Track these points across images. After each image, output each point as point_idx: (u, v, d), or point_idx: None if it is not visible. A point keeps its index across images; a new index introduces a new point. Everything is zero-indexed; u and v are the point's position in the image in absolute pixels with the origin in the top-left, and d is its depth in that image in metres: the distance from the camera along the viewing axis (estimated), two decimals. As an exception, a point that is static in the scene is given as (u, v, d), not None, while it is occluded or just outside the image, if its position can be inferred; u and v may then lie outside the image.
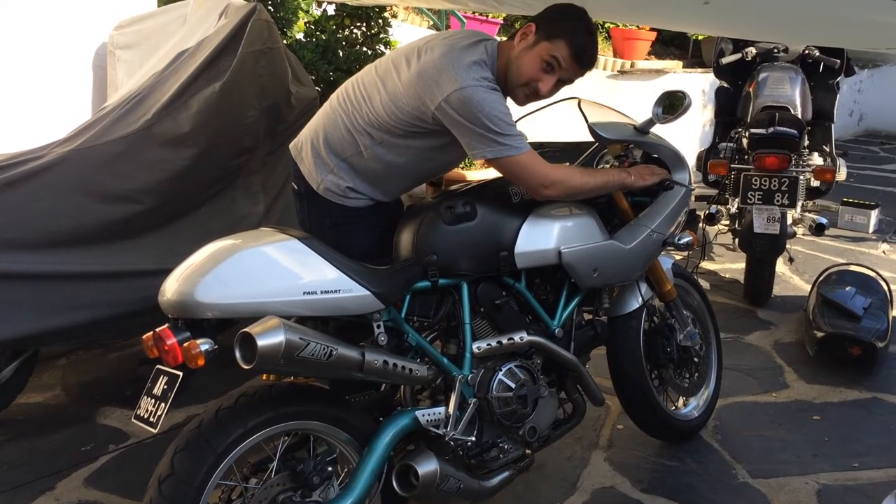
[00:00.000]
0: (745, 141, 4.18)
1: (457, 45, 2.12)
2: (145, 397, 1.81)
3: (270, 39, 3.17)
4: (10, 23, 3.53)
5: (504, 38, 2.31)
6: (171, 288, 1.75)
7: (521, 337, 2.23)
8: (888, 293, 3.90)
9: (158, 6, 4.03)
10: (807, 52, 4.70)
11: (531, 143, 2.76)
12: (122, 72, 3.65)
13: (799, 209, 4.23)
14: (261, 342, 1.63)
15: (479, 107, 2.03)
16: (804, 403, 3.27)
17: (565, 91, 2.36)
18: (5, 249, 2.57)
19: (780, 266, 4.63)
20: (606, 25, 7.78)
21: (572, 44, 2.15)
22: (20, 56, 3.57)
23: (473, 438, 2.16)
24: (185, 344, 1.70)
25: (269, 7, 4.20)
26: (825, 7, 1.83)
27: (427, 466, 1.99)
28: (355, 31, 4.77)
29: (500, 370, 2.20)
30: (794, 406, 3.25)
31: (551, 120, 2.69)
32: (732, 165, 4.27)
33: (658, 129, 2.57)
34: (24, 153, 2.79)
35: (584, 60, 2.20)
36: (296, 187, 2.35)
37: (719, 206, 4.32)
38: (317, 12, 4.84)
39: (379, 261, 2.05)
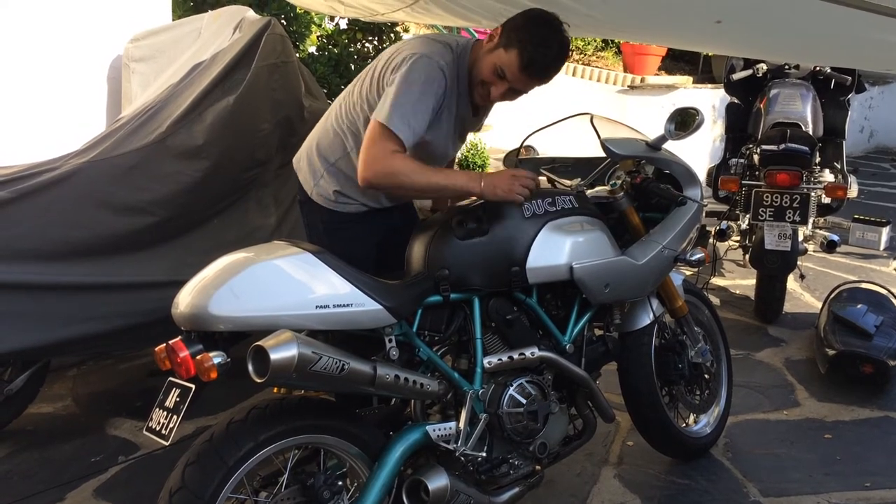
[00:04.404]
0: (756, 157, 4.17)
1: (431, 35, 2.26)
2: (157, 409, 1.81)
3: (284, 53, 3.20)
4: (26, 35, 3.56)
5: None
6: (184, 300, 1.75)
7: (532, 352, 2.22)
8: (900, 311, 3.87)
9: (173, 19, 4.06)
10: (818, 68, 4.70)
11: (544, 158, 2.79)
12: (137, 84, 3.68)
13: (810, 226, 4.21)
14: (273, 356, 1.63)
15: (409, 73, 2.09)
16: (816, 422, 3.25)
17: (575, 106, 2.38)
18: (19, 260, 2.59)
19: (791, 283, 4.60)
20: (617, 41, 7.81)
21: (522, 55, 2.12)
22: (36, 68, 3.60)
23: (484, 454, 2.16)
24: (198, 357, 1.71)
25: (283, 21, 4.24)
26: (837, 28, 1.84)
27: (437, 482, 1.99)
28: (367, 45, 4.81)
29: (511, 385, 2.20)
30: (806, 424, 3.23)
31: (563, 135, 2.70)
32: (743, 182, 4.27)
33: (669, 145, 2.57)
34: (39, 164, 2.81)
35: (532, 72, 2.16)
36: (299, 196, 2.43)
37: (730, 223, 4.31)
38: (329, 26, 4.88)
39: (385, 273, 2.06)
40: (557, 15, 2.19)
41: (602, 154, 2.49)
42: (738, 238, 4.51)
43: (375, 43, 4.78)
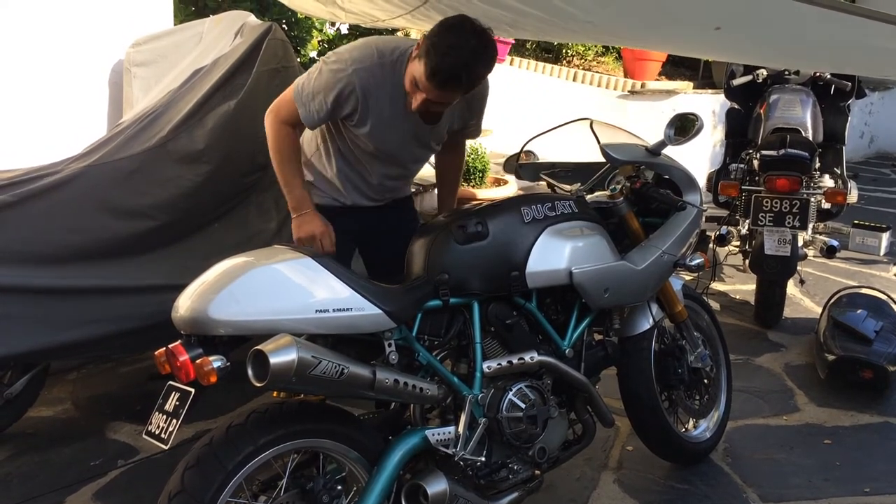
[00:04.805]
0: (755, 162, 4.18)
1: (373, 38, 2.35)
2: (157, 413, 1.82)
3: (285, 58, 3.21)
4: (28, 39, 3.58)
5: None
6: (184, 304, 1.76)
7: (531, 357, 2.23)
8: (900, 316, 3.87)
9: (175, 24, 4.08)
10: (818, 74, 4.71)
11: (544, 163, 2.80)
12: (138, 88, 3.69)
13: (810, 231, 4.22)
14: (273, 360, 1.64)
15: (316, 67, 2.30)
16: (815, 427, 3.25)
17: (575, 111, 2.38)
18: (20, 263, 2.60)
19: (791, 288, 4.61)
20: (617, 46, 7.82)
21: (427, 64, 2.09)
22: (38, 72, 3.61)
23: (483, 458, 2.16)
24: (198, 360, 1.71)
25: (284, 26, 4.25)
26: (837, 35, 1.85)
27: (436, 486, 1.99)
28: (368, 50, 4.80)
29: (511, 390, 2.20)
30: (805, 429, 3.23)
31: (563, 140, 2.71)
32: (743, 187, 4.27)
33: (669, 150, 2.58)
34: (40, 168, 2.82)
35: (438, 82, 2.11)
36: None
37: (730, 228, 4.32)
38: (330, 31, 4.89)
39: (372, 272, 2.06)
40: (474, 20, 2.14)
41: (602, 159, 2.49)
42: (738, 243, 4.51)
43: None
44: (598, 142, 2.45)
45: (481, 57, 2.12)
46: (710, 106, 7.72)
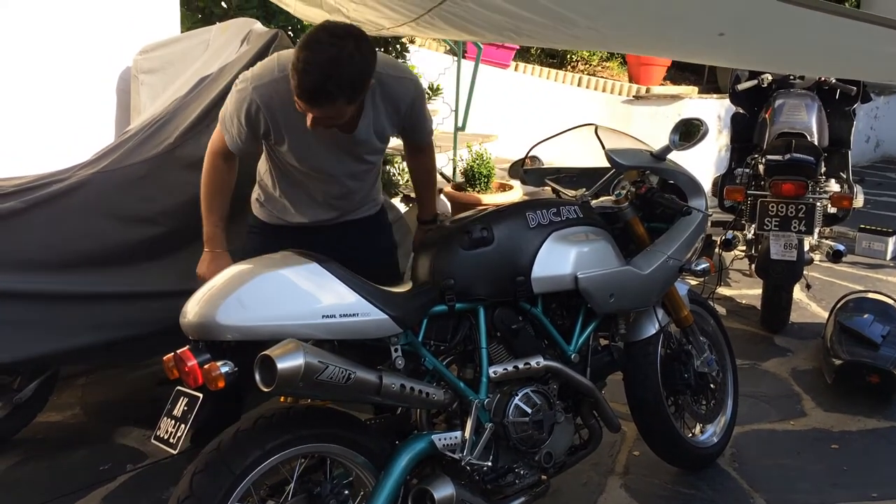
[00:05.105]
0: (761, 167, 4.18)
1: (283, 52, 2.29)
2: (165, 418, 1.83)
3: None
4: (35, 47, 3.60)
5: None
6: (192, 310, 1.77)
7: (537, 362, 2.23)
8: (907, 321, 3.86)
9: (182, 31, 4.10)
10: (823, 79, 4.71)
11: (548, 168, 2.80)
12: (146, 96, 3.71)
13: (816, 236, 4.21)
14: (280, 365, 1.65)
15: (231, 91, 2.32)
16: (822, 432, 3.25)
17: (580, 117, 2.38)
18: (29, 269, 2.61)
19: (798, 293, 4.60)
20: (622, 51, 7.82)
21: (294, 84, 2.00)
22: (46, 79, 3.63)
23: (489, 463, 2.16)
24: (206, 366, 1.72)
25: (290, 33, 4.27)
26: (841, 40, 1.85)
27: (443, 491, 1.99)
28: (373, 56, 4.82)
29: (517, 395, 2.21)
30: (812, 434, 3.22)
31: (568, 145, 2.72)
32: (749, 191, 4.27)
33: (674, 155, 2.58)
34: (48, 175, 2.84)
35: (307, 100, 2.01)
36: None
37: (736, 232, 4.32)
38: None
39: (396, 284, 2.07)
40: (336, 23, 2.03)
41: (607, 164, 2.50)
42: (744, 248, 4.51)
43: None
44: (603, 147, 2.46)
45: (344, 63, 1.96)
46: (715, 111, 7.72)
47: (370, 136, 2.34)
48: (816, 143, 4.31)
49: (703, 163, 7.25)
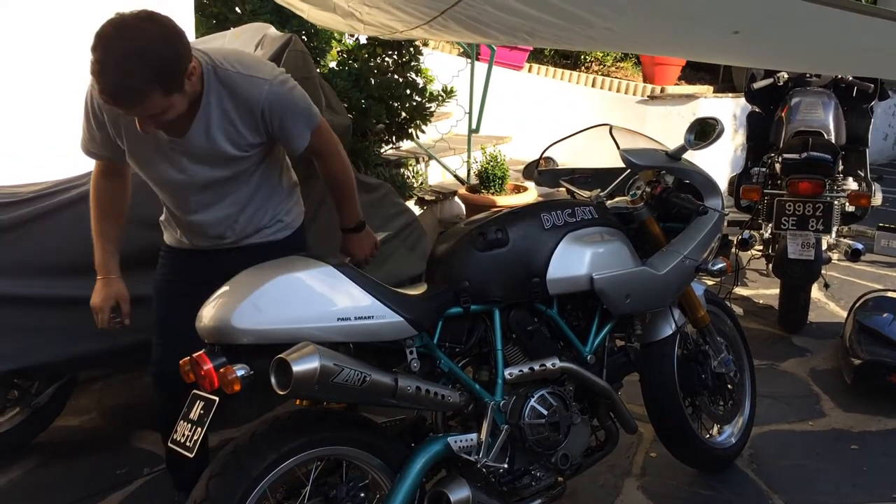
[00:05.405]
0: (778, 166, 4.15)
1: None
2: (181, 422, 1.83)
3: (305, 69, 3.22)
4: (48, 52, 3.62)
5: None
6: (207, 314, 1.78)
7: (553, 363, 2.22)
8: (927, 320, 3.82)
9: (196, 37, 4.12)
10: (839, 76, 4.67)
11: (563, 169, 2.80)
12: (161, 101, 3.72)
13: (834, 234, 4.18)
14: (296, 368, 1.65)
15: None
16: (841, 432, 3.21)
17: (594, 117, 2.36)
18: (45, 275, 2.64)
19: (816, 292, 4.56)
20: (636, 51, 7.79)
21: (95, 86, 1.88)
22: (60, 86, 3.65)
23: (505, 465, 2.16)
24: (222, 369, 1.72)
25: (304, 37, 4.28)
26: (858, 37, 1.83)
27: (459, 493, 1.99)
28: (387, 59, 4.84)
29: (533, 397, 2.20)
30: (832, 435, 3.19)
31: (582, 146, 2.71)
32: (765, 191, 4.25)
33: (689, 155, 2.57)
34: (63, 182, 2.87)
35: (108, 101, 1.88)
36: None
37: (753, 232, 4.29)
38: (349, 41, 4.92)
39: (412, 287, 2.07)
40: (127, 14, 1.87)
41: (622, 165, 2.49)
42: (761, 247, 4.48)
43: (395, 57, 4.81)
44: (618, 147, 2.45)
45: (134, 64, 1.80)
46: (730, 110, 7.67)
47: (217, 142, 2.10)
48: (833, 141, 4.27)
49: (719, 162, 7.21)
